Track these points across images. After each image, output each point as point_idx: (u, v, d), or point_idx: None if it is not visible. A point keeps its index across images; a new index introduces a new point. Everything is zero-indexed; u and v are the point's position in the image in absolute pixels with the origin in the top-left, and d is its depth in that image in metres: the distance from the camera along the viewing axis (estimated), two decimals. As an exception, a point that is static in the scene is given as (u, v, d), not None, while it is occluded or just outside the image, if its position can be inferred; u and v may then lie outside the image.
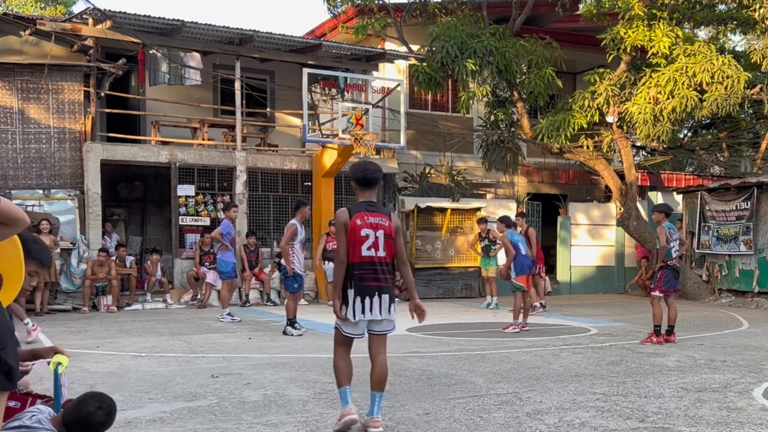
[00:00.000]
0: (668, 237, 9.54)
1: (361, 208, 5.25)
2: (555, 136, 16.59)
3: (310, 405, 5.91)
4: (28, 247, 3.52)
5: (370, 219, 5.18)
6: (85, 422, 3.34)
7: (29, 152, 14.88)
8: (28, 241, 3.57)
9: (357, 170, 5.33)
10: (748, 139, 21.22)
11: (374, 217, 5.20)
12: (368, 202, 5.30)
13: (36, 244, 3.65)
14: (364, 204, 5.29)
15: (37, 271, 3.59)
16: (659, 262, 9.64)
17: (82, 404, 3.37)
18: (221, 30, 15.64)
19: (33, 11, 28.06)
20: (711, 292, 17.11)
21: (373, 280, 5.16)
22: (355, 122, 15.03)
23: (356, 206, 5.29)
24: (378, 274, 5.17)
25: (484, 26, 17.83)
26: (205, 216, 15.80)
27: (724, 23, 19.50)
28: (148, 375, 7.20)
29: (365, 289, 5.14)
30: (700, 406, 5.88)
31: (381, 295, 5.16)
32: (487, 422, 5.35)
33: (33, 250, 3.56)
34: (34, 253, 3.55)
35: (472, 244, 16.27)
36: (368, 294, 5.14)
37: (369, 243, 5.15)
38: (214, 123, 17.03)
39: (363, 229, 5.15)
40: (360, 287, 5.14)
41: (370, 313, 5.14)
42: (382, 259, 5.19)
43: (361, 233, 5.14)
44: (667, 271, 9.58)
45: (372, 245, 5.15)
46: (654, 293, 9.74)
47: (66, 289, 13.96)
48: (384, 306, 5.16)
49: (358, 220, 5.16)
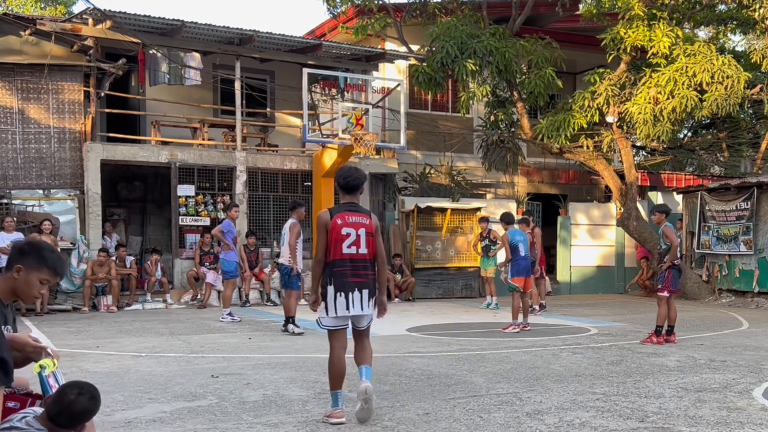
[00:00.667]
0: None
1: (342, 208, 5.50)
2: (555, 136, 16.58)
3: (310, 405, 5.91)
4: (44, 255, 3.47)
5: (350, 218, 5.42)
6: (68, 412, 3.26)
7: (29, 152, 14.88)
8: (43, 249, 3.52)
9: (341, 176, 5.60)
10: (748, 139, 21.22)
11: (355, 216, 5.44)
12: (349, 203, 5.55)
13: (53, 253, 3.58)
14: (346, 205, 5.54)
15: (48, 280, 3.54)
16: (669, 261, 9.57)
17: (61, 395, 3.30)
18: (221, 30, 15.64)
19: (33, 11, 28.06)
20: (711, 292, 17.11)
21: (353, 276, 5.36)
22: (355, 122, 15.03)
23: (337, 207, 5.58)
24: (358, 270, 5.38)
25: (484, 26, 17.82)
26: (205, 216, 15.80)
27: (724, 23, 19.50)
28: (148, 375, 7.21)
29: (345, 285, 5.34)
30: (700, 406, 5.88)
31: (361, 290, 5.37)
32: (487, 422, 5.35)
33: (48, 258, 3.50)
34: (49, 261, 3.49)
35: (473, 245, 16.27)
36: (349, 290, 5.34)
37: (350, 241, 5.36)
38: (214, 123, 17.02)
39: (344, 227, 5.37)
40: (340, 283, 5.33)
41: (351, 307, 5.34)
42: (364, 256, 5.41)
43: (342, 232, 5.36)
44: (674, 270, 9.57)
45: (353, 243, 5.37)
46: (662, 293, 9.62)
47: (66, 289, 13.95)
48: (364, 301, 5.38)
49: (338, 219, 5.39)
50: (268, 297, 15.50)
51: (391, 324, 11.76)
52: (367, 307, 5.42)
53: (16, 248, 3.50)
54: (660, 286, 9.74)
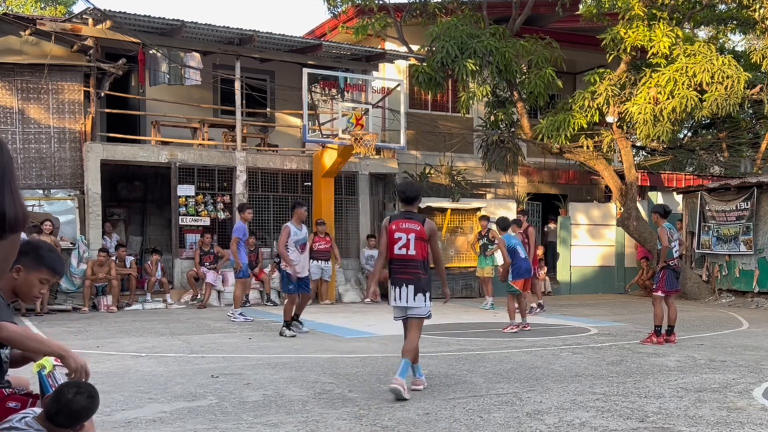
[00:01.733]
0: (669, 237, 9.54)
1: (399, 216, 6.62)
2: (555, 136, 16.58)
3: (310, 405, 5.91)
4: (42, 255, 3.46)
5: (403, 225, 6.47)
6: (66, 411, 3.23)
7: (29, 152, 14.88)
8: (41, 248, 3.51)
9: (401, 189, 6.79)
10: (748, 139, 21.21)
11: (408, 223, 6.47)
12: (406, 211, 6.65)
13: (51, 253, 3.57)
14: (402, 213, 6.66)
15: (48, 279, 3.53)
16: (661, 262, 9.62)
17: (59, 394, 3.27)
18: (221, 30, 15.63)
19: (33, 11, 28.07)
20: (711, 292, 17.11)
21: (402, 273, 6.40)
22: (355, 122, 15.03)
23: (396, 215, 6.73)
24: (406, 268, 6.39)
25: (484, 26, 17.82)
26: (205, 216, 15.80)
27: (724, 23, 19.50)
28: (148, 375, 7.21)
29: (395, 280, 6.44)
30: (700, 406, 5.88)
31: (407, 285, 6.36)
32: (487, 422, 5.35)
33: (47, 258, 3.49)
34: (47, 261, 3.48)
35: (472, 243, 16.26)
36: (397, 284, 6.41)
37: (401, 244, 6.43)
38: (214, 123, 17.02)
39: (397, 232, 6.46)
40: (393, 279, 6.46)
41: (399, 300, 6.38)
42: (413, 257, 6.41)
43: (395, 236, 6.46)
44: (668, 271, 9.58)
45: (404, 245, 6.42)
46: (656, 293, 9.72)
47: (66, 289, 13.95)
48: (409, 295, 6.35)
49: (394, 225, 6.50)
50: (268, 297, 15.50)
51: (391, 324, 11.77)
52: (413, 300, 6.37)
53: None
54: (654, 287, 9.85)
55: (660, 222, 9.67)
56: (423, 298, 6.39)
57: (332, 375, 7.21)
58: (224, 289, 15.21)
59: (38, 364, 3.44)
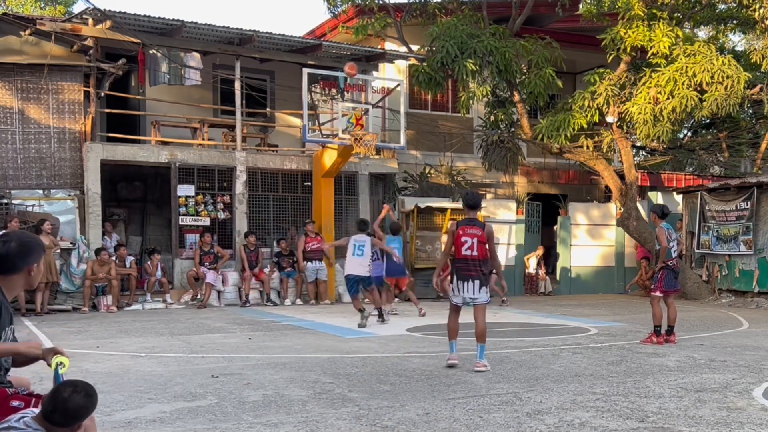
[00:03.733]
0: (668, 237, 9.54)
1: (464, 222, 7.84)
2: (555, 136, 16.58)
3: (310, 405, 5.91)
4: (33, 245, 3.59)
5: (469, 230, 7.74)
6: (63, 410, 3.20)
7: (29, 152, 14.88)
8: (29, 239, 3.61)
9: (466, 199, 8.07)
10: (748, 139, 21.20)
11: (472, 228, 7.75)
12: (470, 218, 7.88)
13: (34, 239, 3.70)
14: (467, 219, 7.86)
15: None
16: (660, 262, 9.63)
17: (56, 393, 3.25)
18: (221, 30, 15.63)
19: (33, 11, 28.06)
20: (711, 292, 17.11)
21: (468, 270, 7.69)
22: (355, 122, 15.02)
23: (462, 221, 7.89)
24: (471, 267, 7.69)
25: (484, 26, 17.82)
26: (205, 216, 15.79)
27: (724, 23, 19.51)
28: (148, 375, 7.21)
29: (463, 276, 7.70)
30: (700, 406, 5.88)
31: (473, 280, 7.68)
32: (487, 422, 5.35)
33: (35, 245, 3.62)
34: (35, 246, 3.63)
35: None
36: (464, 280, 7.70)
37: (467, 246, 7.70)
38: (214, 123, 17.02)
39: (463, 236, 7.72)
40: (460, 275, 7.72)
41: (465, 292, 7.68)
42: (475, 257, 7.69)
43: (462, 239, 7.72)
44: (667, 271, 9.58)
45: (469, 247, 7.69)
46: (654, 293, 9.74)
47: (66, 289, 13.95)
48: (475, 288, 7.68)
49: (461, 230, 7.76)
50: (268, 297, 15.49)
51: (391, 324, 11.79)
52: (477, 292, 7.67)
53: (18, 249, 3.50)
54: (652, 287, 9.86)
55: (658, 222, 9.69)
56: (485, 290, 7.74)
57: (332, 375, 7.21)
58: (224, 289, 15.22)
59: (56, 361, 3.42)
